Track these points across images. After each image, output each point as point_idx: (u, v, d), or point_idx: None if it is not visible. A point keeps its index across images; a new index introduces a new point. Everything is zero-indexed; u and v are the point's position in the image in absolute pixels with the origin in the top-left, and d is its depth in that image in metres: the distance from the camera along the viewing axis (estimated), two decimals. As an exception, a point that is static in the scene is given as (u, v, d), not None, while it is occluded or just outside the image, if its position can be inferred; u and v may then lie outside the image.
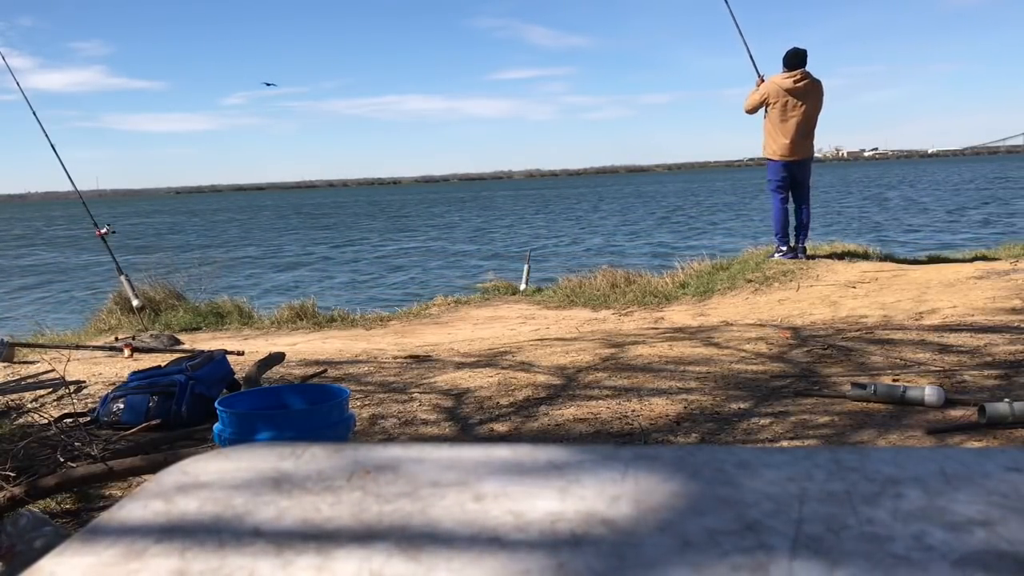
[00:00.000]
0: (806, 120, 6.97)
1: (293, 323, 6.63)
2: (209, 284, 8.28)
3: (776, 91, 6.92)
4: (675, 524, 0.44)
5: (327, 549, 0.43)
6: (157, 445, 2.95)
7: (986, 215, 22.60)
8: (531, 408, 3.20)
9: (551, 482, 0.50)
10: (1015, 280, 5.62)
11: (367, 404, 3.37)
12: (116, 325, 6.73)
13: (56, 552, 0.44)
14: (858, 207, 28.46)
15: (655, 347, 4.23)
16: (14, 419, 3.33)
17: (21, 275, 19.36)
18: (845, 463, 0.51)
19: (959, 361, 3.58)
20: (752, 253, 7.72)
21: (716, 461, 0.52)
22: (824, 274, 6.56)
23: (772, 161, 7.13)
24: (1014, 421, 2.63)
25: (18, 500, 2.08)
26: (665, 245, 18.76)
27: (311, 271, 17.79)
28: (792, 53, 6.95)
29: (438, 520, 0.46)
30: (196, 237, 29.96)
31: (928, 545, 0.42)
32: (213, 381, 3.45)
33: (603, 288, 7.17)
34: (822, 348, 4.01)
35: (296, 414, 2.31)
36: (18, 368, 4.46)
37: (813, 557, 0.41)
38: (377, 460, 0.54)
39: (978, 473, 0.49)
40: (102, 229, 6.98)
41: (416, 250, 21.53)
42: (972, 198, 30.77)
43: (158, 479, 0.53)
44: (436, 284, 13.22)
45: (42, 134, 6.86)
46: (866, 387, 3.02)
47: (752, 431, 2.80)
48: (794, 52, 6.95)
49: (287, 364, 4.14)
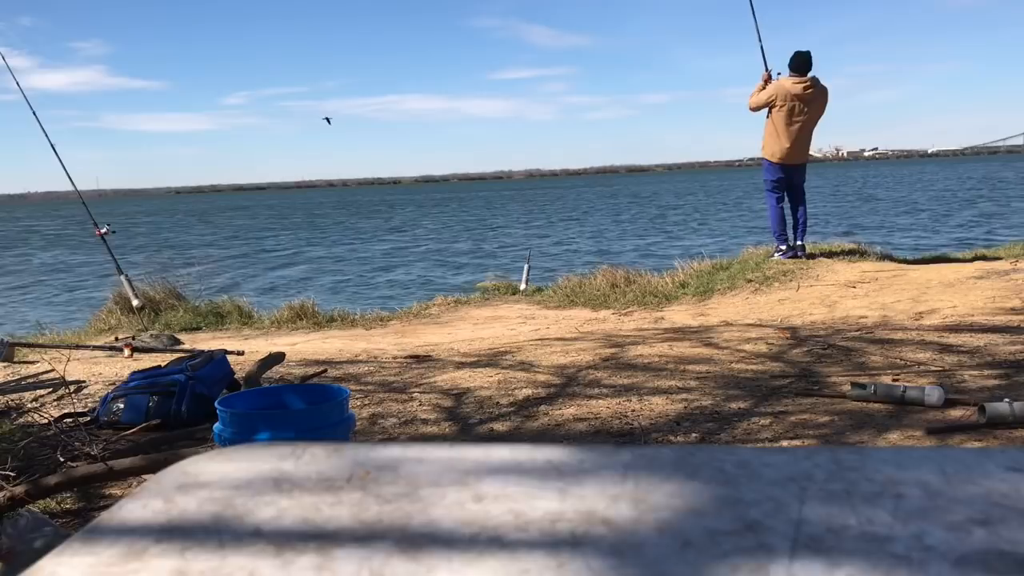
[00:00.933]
0: (809, 126, 7.01)
1: (293, 323, 6.63)
2: (212, 282, 8.28)
3: (784, 94, 6.94)
4: (675, 524, 0.44)
5: (327, 549, 0.43)
6: (157, 445, 2.95)
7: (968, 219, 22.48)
8: (531, 408, 3.20)
9: (551, 482, 0.50)
10: (1015, 280, 5.62)
11: (367, 404, 3.37)
12: (116, 325, 6.73)
13: (56, 552, 0.44)
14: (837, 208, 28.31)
15: (655, 347, 4.23)
16: (14, 419, 3.33)
17: (21, 275, 19.36)
18: (845, 463, 0.51)
19: (959, 361, 3.58)
20: (752, 253, 7.72)
21: (716, 461, 0.52)
22: (824, 274, 6.56)
23: (769, 163, 7.15)
24: (1014, 421, 2.63)
25: (18, 500, 2.08)
26: (657, 246, 18.74)
27: (314, 271, 17.72)
28: (798, 56, 6.96)
29: (438, 520, 0.46)
30: (229, 241, 28.95)
31: (928, 545, 0.42)
32: (213, 381, 3.45)
33: (603, 288, 7.17)
34: (822, 348, 4.01)
35: (296, 414, 2.31)
36: (18, 368, 4.46)
37: (813, 557, 0.41)
38: (377, 460, 0.54)
39: (978, 473, 0.49)
40: (102, 229, 6.98)
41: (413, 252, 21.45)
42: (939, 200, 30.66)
43: (158, 479, 0.53)
44: (434, 285, 13.22)
45: (42, 134, 6.86)
46: (866, 387, 3.02)
47: (752, 431, 2.80)
48: (800, 56, 6.96)
49: (287, 364, 4.14)
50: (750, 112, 7.24)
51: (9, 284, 17.29)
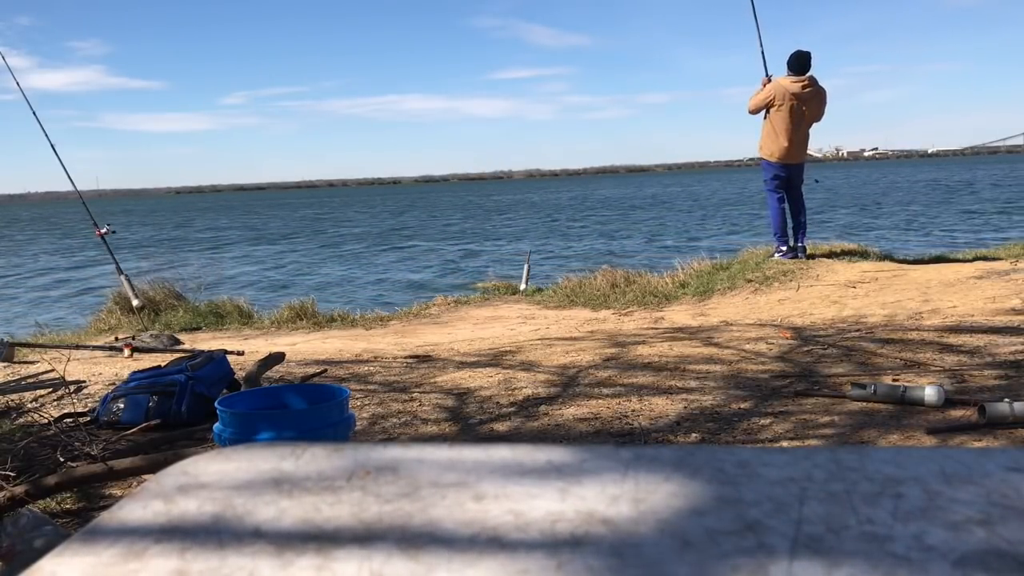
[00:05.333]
0: (807, 125, 7.03)
1: (293, 323, 6.63)
2: (216, 282, 8.26)
3: (782, 94, 6.96)
4: (675, 524, 0.44)
5: (327, 549, 0.43)
6: (157, 445, 2.95)
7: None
8: (531, 408, 3.20)
9: (551, 482, 0.50)
10: (1015, 280, 5.62)
11: (367, 404, 3.37)
12: (116, 325, 6.74)
13: (56, 552, 0.44)
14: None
15: (655, 347, 4.23)
16: (14, 419, 3.33)
17: (21, 275, 19.35)
18: (845, 463, 0.51)
19: (959, 361, 3.58)
20: (752, 253, 7.72)
21: (716, 461, 0.52)
22: (824, 274, 6.56)
23: (768, 162, 7.16)
24: (1014, 421, 2.63)
25: (18, 500, 2.08)
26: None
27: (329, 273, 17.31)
28: (797, 56, 6.98)
29: (438, 520, 0.46)
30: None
31: (928, 545, 0.42)
32: (213, 381, 3.45)
33: (603, 288, 7.17)
34: (822, 348, 4.01)
35: (296, 414, 2.31)
36: (18, 368, 4.46)
37: (813, 557, 0.41)
38: (377, 460, 0.54)
39: (978, 473, 0.49)
40: (102, 229, 6.98)
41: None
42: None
43: (158, 479, 0.53)
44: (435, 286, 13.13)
45: (42, 134, 6.87)
46: (866, 387, 3.02)
47: (752, 431, 2.80)
48: (799, 55, 6.98)
49: (287, 364, 4.14)
50: (749, 115, 7.27)
51: (9, 284, 17.29)
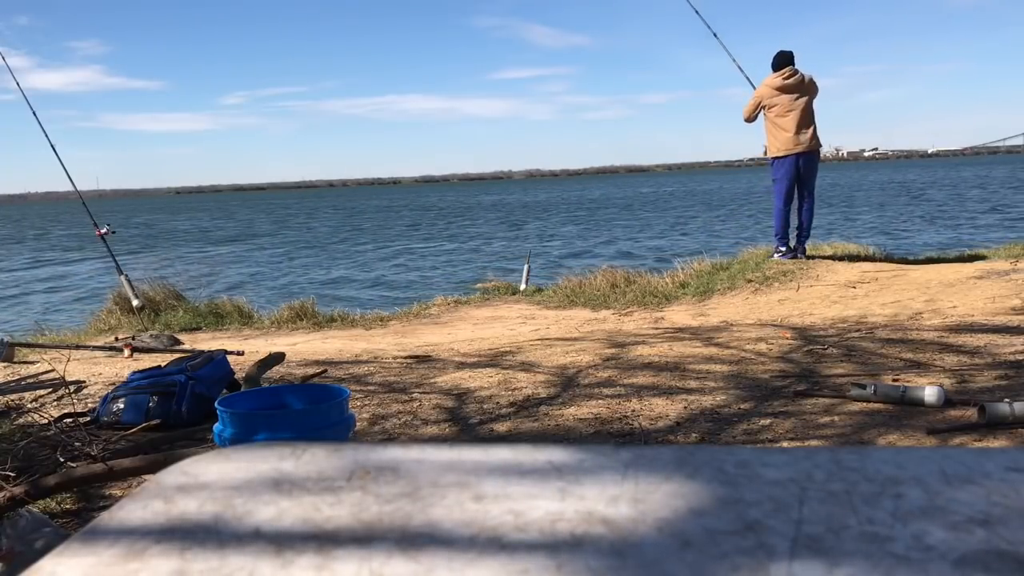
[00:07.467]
0: (802, 111, 7.09)
1: (293, 323, 6.63)
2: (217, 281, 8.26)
3: (768, 92, 7.15)
4: (675, 524, 0.44)
5: (327, 549, 0.43)
6: (157, 445, 2.95)
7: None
8: (531, 408, 3.20)
9: (551, 482, 0.50)
10: (1015, 280, 5.62)
11: (367, 404, 3.37)
12: (116, 325, 6.73)
13: (56, 552, 0.44)
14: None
15: (655, 347, 4.23)
16: (14, 419, 3.33)
17: (21, 274, 19.35)
18: (845, 463, 0.51)
19: (959, 361, 3.58)
20: (752, 253, 7.73)
21: (716, 461, 0.52)
22: (824, 274, 6.56)
23: (778, 158, 7.17)
24: (1014, 421, 2.63)
25: (18, 500, 2.08)
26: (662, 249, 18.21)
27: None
28: (779, 55, 7.18)
29: (438, 520, 0.46)
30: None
31: (928, 545, 0.42)
32: (213, 381, 3.45)
33: (603, 288, 7.17)
34: (822, 348, 4.01)
35: (296, 414, 2.31)
36: (18, 368, 4.46)
37: (813, 557, 0.41)
38: (377, 460, 0.54)
39: (978, 473, 0.49)
40: (102, 229, 6.98)
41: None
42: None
43: (158, 479, 0.53)
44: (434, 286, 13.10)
45: (42, 134, 6.87)
46: (866, 387, 3.02)
47: (752, 431, 2.80)
48: (780, 54, 7.17)
49: (287, 364, 4.14)
50: (748, 125, 7.39)
51: (9, 284, 17.29)
